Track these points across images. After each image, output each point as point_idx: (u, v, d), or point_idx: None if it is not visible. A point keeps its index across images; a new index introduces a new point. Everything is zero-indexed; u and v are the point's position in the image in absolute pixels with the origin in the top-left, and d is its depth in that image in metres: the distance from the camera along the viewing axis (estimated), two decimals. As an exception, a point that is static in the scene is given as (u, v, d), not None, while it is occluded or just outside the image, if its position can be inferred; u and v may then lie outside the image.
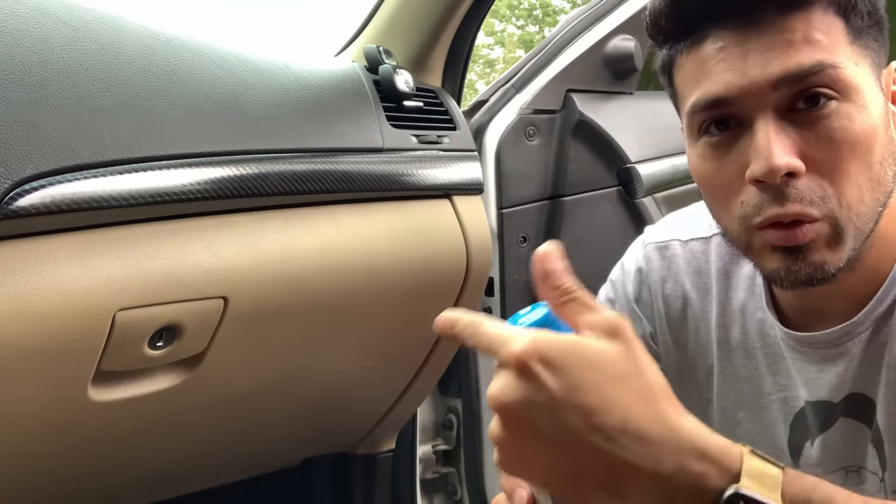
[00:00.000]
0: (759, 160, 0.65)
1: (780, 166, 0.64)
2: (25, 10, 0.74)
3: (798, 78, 0.64)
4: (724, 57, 0.67)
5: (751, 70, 0.65)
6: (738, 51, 0.66)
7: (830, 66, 0.64)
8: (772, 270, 0.70)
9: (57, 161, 0.70)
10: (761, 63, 0.65)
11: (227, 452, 1.05)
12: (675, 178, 1.44)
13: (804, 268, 0.67)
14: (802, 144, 0.65)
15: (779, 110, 0.66)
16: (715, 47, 0.67)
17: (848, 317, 0.74)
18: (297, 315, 0.92)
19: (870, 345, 0.73)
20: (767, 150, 0.64)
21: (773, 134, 0.65)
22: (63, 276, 0.72)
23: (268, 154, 0.87)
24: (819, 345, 0.76)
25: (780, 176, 0.64)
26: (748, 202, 0.68)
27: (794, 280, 0.68)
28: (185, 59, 0.85)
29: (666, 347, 0.90)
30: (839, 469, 0.78)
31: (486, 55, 11.11)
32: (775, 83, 0.65)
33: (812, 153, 0.65)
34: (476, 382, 1.31)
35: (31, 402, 0.76)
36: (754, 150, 0.65)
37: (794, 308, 0.79)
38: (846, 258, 0.67)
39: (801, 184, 0.65)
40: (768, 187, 0.66)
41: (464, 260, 1.06)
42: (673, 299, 0.89)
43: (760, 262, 0.71)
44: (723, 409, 0.86)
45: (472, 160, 1.10)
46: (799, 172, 0.65)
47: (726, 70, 0.67)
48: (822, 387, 0.76)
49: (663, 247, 0.91)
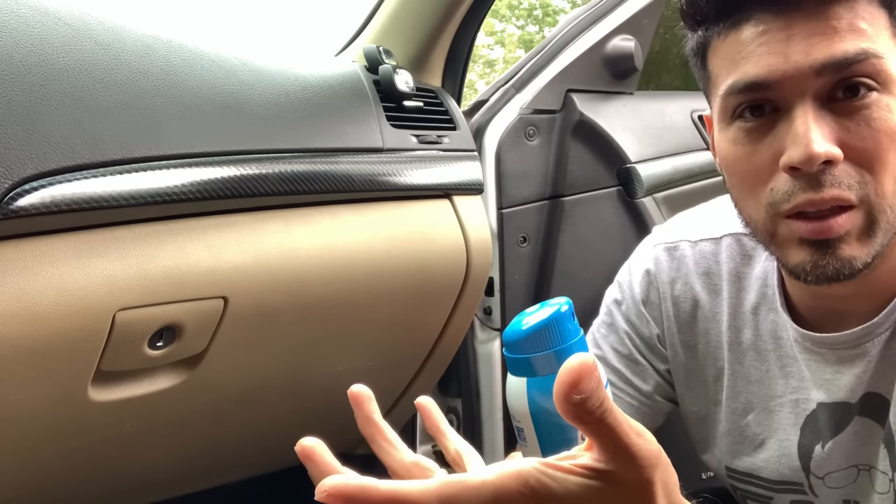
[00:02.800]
0: (797, 147, 0.64)
1: (819, 154, 0.63)
2: (25, 10, 0.74)
3: (842, 66, 0.64)
4: (767, 40, 0.66)
5: (794, 55, 0.64)
6: (781, 35, 0.65)
7: (875, 55, 0.64)
8: (796, 264, 0.68)
9: (57, 161, 0.70)
10: (805, 48, 0.64)
11: (227, 452, 1.05)
12: (675, 178, 1.44)
13: (832, 262, 0.66)
14: (841, 133, 0.64)
15: (819, 98, 0.65)
16: (756, 30, 0.66)
17: (866, 317, 0.73)
18: (297, 315, 0.92)
19: (888, 345, 0.73)
20: (806, 138, 0.63)
21: (813, 121, 0.64)
22: (63, 276, 0.72)
23: (268, 154, 0.87)
24: (837, 346, 0.75)
25: (818, 164, 0.63)
26: (778, 189, 0.67)
27: (821, 275, 0.67)
28: (185, 59, 0.85)
29: (674, 349, 0.89)
30: (850, 466, 0.78)
31: (486, 55, 11.11)
32: (819, 69, 0.64)
33: (850, 142, 0.64)
34: (476, 382, 1.31)
35: (30, 403, 0.76)
36: (792, 137, 0.64)
37: (810, 309, 0.78)
38: (874, 253, 0.66)
39: (838, 171, 0.64)
40: (802, 175, 0.65)
41: (464, 260, 1.06)
42: (682, 301, 0.88)
43: (784, 254, 0.70)
44: (732, 411, 0.85)
45: (472, 160, 1.10)
46: (837, 160, 0.64)
47: (769, 53, 0.65)
48: (840, 388, 0.76)
49: (672, 247, 0.90)
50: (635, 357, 0.91)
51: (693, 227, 0.90)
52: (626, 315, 0.92)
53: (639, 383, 0.90)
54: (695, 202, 0.97)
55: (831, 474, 0.79)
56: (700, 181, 1.49)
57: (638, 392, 0.90)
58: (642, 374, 0.91)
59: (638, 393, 0.90)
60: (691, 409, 0.90)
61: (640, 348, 0.91)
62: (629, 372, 0.91)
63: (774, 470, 0.82)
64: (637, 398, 0.90)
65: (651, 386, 0.91)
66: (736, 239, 0.86)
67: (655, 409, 0.91)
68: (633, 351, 0.91)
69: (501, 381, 1.31)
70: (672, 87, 1.87)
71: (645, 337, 0.91)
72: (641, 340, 0.91)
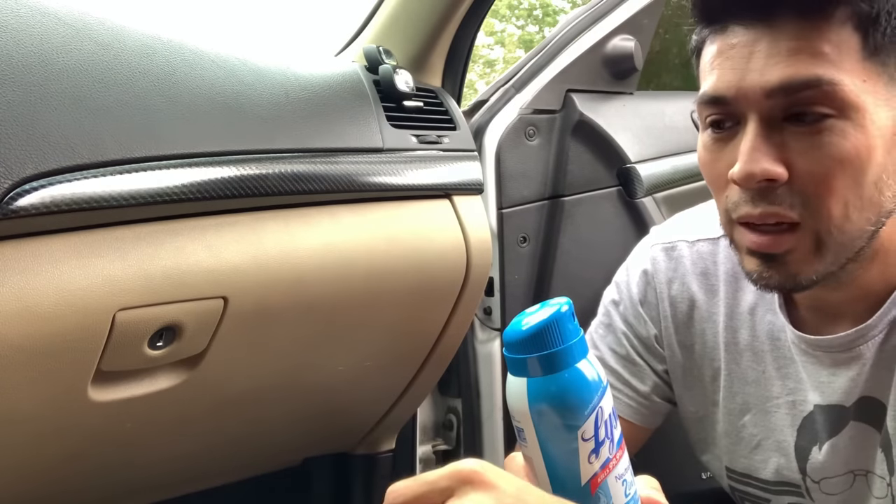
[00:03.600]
0: (740, 163, 0.66)
1: (756, 173, 0.65)
2: (25, 10, 0.74)
3: (790, 90, 0.64)
4: (733, 55, 0.67)
5: (750, 73, 0.65)
6: (745, 51, 0.66)
7: (828, 82, 0.63)
8: (747, 271, 0.71)
9: (57, 161, 0.70)
10: (761, 68, 0.65)
11: (227, 452, 1.05)
12: (675, 178, 1.44)
13: (775, 276, 0.68)
14: (788, 154, 0.65)
15: (771, 117, 0.65)
16: (729, 42, 0.67)
17: (860, 319, 0.73)
18: (297, 315, 0.92)
19: (882, 348, 0.73)
20: (746, 155, 0.65)
21: (758, 140, 0.65)
22: (63, 276, 0.72)
23: (268, 154, 0.87)
24: (832, 348, 0.75)
25: (756, 181, 0.65)
26: (730, 198, 0.70)
27: (766, 285, 0.69)
28: (186, 59, 0.85)
29: (671, 350, 0.89)
30: (847, 472, 0.78)
31: (486, 55, 11.11)
32: (769, 92, 0.64)
33: (798, 164, 0.65)
34: (476, 382, 1.31)
35: (30, 403, 0.76)
36: (740, 153, 0.66)
37: (808, 309, 0.78)
38: (823, 271, 0.67)
39: (782, 191, 0.65)
40: (746, 189, 0.67)
41: (464, 260, 1.06)
42: (679, 301, 0.88)
43: (740, 258, 0.72)
44: (728, 411, 0.85)
45: (472, 160, 1.10)
46: (779, 179, 0.65)
47: (731, 69, 0.67)
48: (835, 391, 0.76)
49: (670, 247, 0.90)
50: (633, 358, 0.91)
51: (691, 228, 0.90)
52: (624, 315, 0.92)
53: (637, 384, 0.90)
54: (695, 202, 0.97)
55: (827, 480, 0.78)
56: (700, 181, 1.48)
57: (636, 393, 0.90)
58: (640, 374, 0.91)
59: (636, 394, 0.90)
60: (689, 409, 0.90)
61: (638, 349, 0.91)
62: (627, 373, 0.91)
63: (772, 471, 0.82)
64: (635, 399, 0.90)
65: (649, 387, 0.90)
66: None
67: (653, 410, 0.91)
68: (631, 351, 0.91)
69: (501, 381, 1.31)
70: (672, 87, 1.87)
71: (642, 337, 0.91)
72: (639, 341, 0.91)
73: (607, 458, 0.54)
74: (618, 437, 0.55)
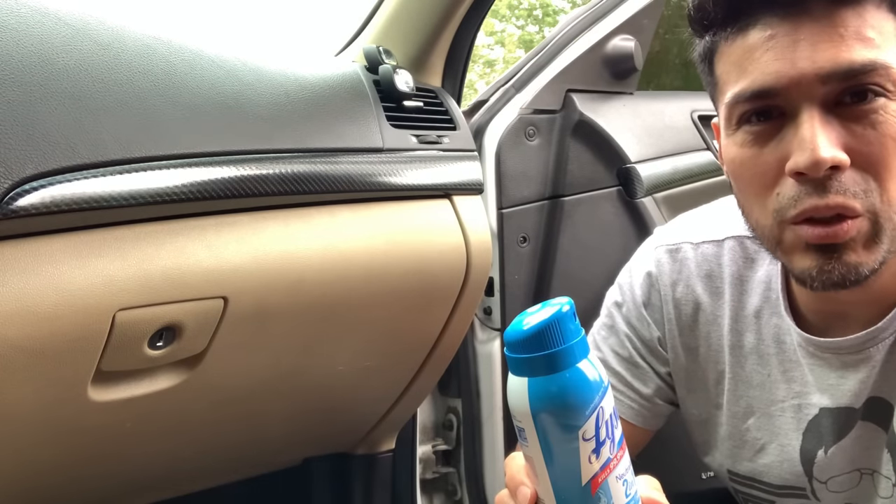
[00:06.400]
0: (802, 152, 0.63)
1: (826, 159, 0.62)
2: (25, 10, 0.74)
3: (847, 75, 0.63)
4: (774, 45, 0.65)
5: (800, 61, 0.64)
6: (787, 40, 0.64)
7: (883, 66, 0.63)
8: (802, 270, 0.68)
9: (57, 161, 0.70)
10: (811, 55, 0.63)
11: (227, 452, 1.05)
12: (675, 178, 1.44)
13: (837, 268, 0.65)
14: (847, 138, 0.64)
15: (825, 103, 0.64)
16: (763, 35, 0.65)
17: (870, 322, 0.73)
18: (297, 315, 0.92)
19: (893, 349, 0.72)
20: (812, 143, 0.63)
21: (820, 126, 0.63)
22: (63, 276, 0.72)
23: (268, 154, 0.87)
24: (842, 350, 0.74)
25: (824, 169, 0.63)
26: (784, 194, 0.66)
27: (826, 281, 0.66)
28: (186, 59, 0.85)
29: (675, 352, 0.89)
30: (853, 470, 0.77)
31: (486, 55, 11.11)
32: (824, 78, 0.63)
33: (857, 147, 0.64)
34: (476, 382, 1.31)
35: (30, 403, 0.76)
36: (798, 142, 0.64)
37: (816, 312, 0.77)
38: (880, 259, 0.66)
39: (845, 177, 0.64)
40: (808, 180, 0.64)
41: (464, 260, 1.06)
42: (684, 303, 0.87)
43: (791, 260, 0.69)
44: (733, 415, 0.85)
45: (472, 160, 1.10)
46: (843, 166, 0.63)
47: (775, 59, 0.65)
48: (844, 393, 0.75)
49: (674, 249, 0.89)
50: (636, 360, 0.90)
51: (695, 229, 0.89)
52: (627, 317, 0.91)
53: (639, 386, 0.90)
54: (695, 202, 0.96)
55: (834, 478, 0.78)
56: (700, 181, 1.49)
57: (638, 395, 0.90)
58: (642, 377, 0.90)
59: (638, 396, 0.90)
60: (692, 412, 0.90)
61: (641, 351, 0.90)
62: (629, 375, 0.90)
63: (776, 475, 0.82)
64: (637, 401, 0.90)
65: (651, 389, 0.90)
66: (738, 241, 0.85)
67: (655, 413, 0.91)
68: (634, 354, 0.90)
69: (501, 381, 1.31)
70: (672, 88, 1.87)
71: (646, 339, 0.90)
72: (642, 343, 0.90)
73: (608, 458, 0.53)
74: (619, 438, 0.55)
